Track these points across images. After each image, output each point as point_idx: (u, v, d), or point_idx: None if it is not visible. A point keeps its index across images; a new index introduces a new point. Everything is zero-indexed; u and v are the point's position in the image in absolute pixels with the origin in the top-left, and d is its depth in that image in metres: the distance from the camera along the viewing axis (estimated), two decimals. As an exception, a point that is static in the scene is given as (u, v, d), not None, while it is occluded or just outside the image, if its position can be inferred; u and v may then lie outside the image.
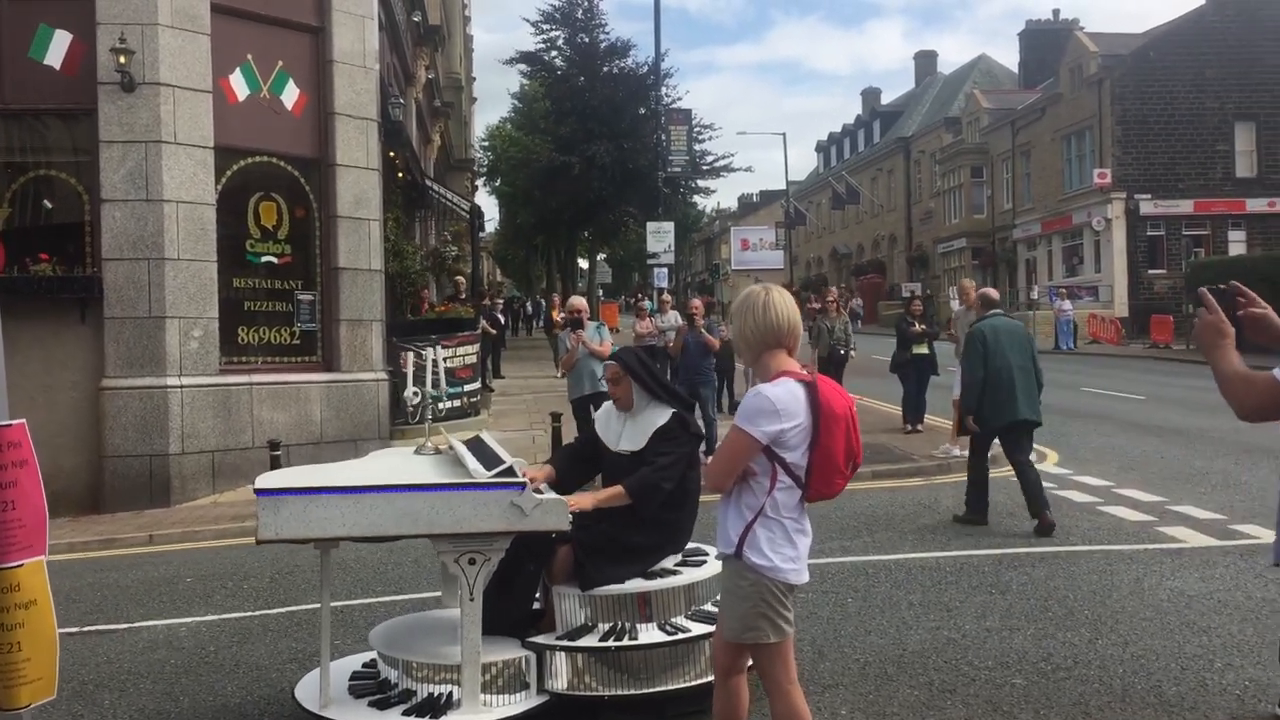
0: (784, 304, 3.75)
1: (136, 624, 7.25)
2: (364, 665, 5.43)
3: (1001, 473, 11.78)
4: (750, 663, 3.97)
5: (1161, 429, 14.86)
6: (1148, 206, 40.80)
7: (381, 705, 4.93)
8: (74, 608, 7.76)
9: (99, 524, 11.03)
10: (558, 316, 22.15)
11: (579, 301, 12.11)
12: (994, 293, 10.36)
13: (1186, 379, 23.28)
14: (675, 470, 5.18)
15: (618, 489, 5.14)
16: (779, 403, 3.59)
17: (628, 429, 5.39)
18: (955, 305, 37.13)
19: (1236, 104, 40.77)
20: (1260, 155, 41.19)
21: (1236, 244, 40.34)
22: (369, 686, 5.14)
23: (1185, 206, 40.76)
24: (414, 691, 4.97)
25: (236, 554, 9.32)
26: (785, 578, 3.69)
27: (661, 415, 5.33)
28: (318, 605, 5.51)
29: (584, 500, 5.11)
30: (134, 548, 10.10)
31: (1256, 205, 40.69)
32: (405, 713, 4.85)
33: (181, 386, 11.90)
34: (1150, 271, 40.82)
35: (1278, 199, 40.75)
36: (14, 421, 2.96)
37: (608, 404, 5.70)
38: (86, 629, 7.16)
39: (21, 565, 2.93)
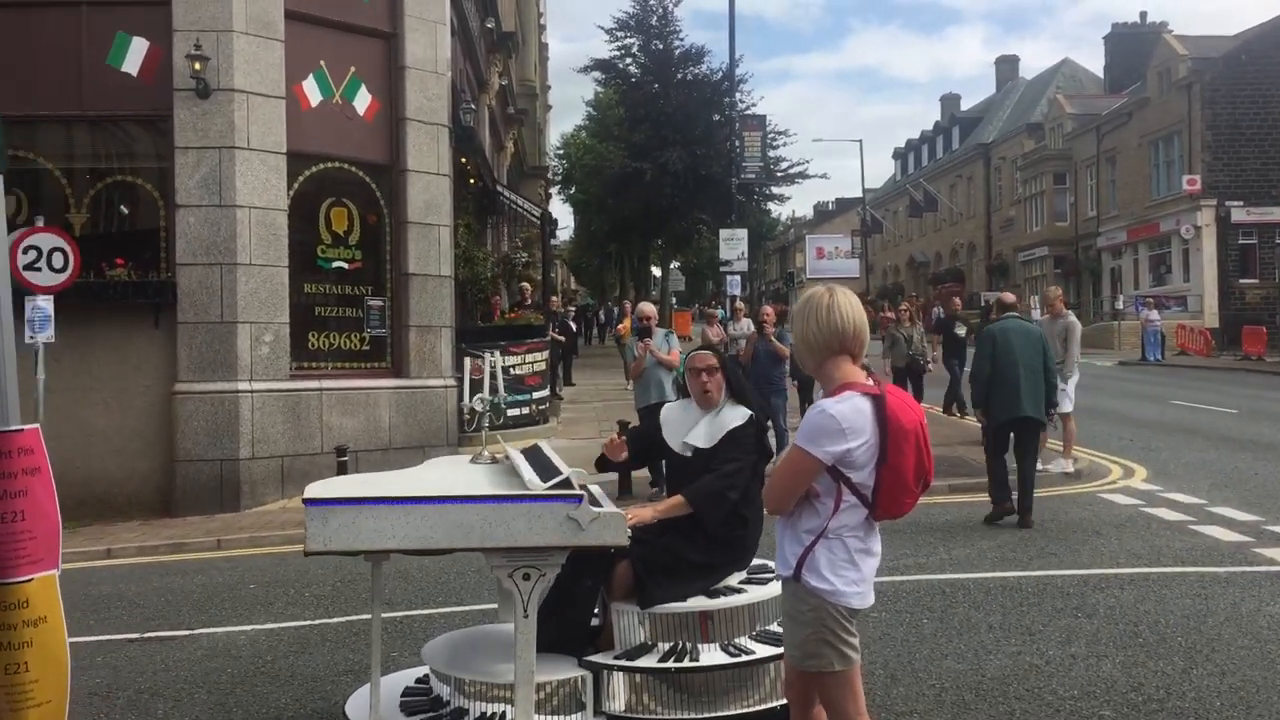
0: (849, 306, 3.47)
1: (196, 631, 7.18)
2: (417, 681, 5.26)
3: (1083, 489, 11.37)
4: None
5: (1256, 444, 14.21)
6: (1239, 214, 39.53)
7: (433, 724, 4.76)
8: (137, 612, 7.75)
9: (169, 527, 11.08)
10: (626, 327, 21.73)
11: (647, 309, 11.86)
12: (1009, 297, 11.21)
13: (1281, 392, 22.40)
14: (740, 479, 4.94)
15: (677, 499, 4.93)
16: (844, 421, 3.32)
17: (703, 425, 5.14)
18: (1036, 314, 36.31)
19: (1334, 107, 39.34)
20: (1360, 160, 39.67)
21: (1334, 253, 38.90)
22: (421, 704, 4.97)
23: (1279, 214, 39.39)
24: (466, 710, 4.79)
25: (301, 560, 9.20)
26: (848, 602, 3.42)
27: (738, 416, 5.11)
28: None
29: (644, 513, 4.90)
30: (202, 552, 10.09)
31: (1356, 212, 39.20)
32: (457, 732, 4.68)
33: (252, 391, 11.93)
34: (1242, 281, 39.54)
35: (1377, 206, 39.20)
36: (26, 427, 2.78)
37: (678, 403, 5.47)
38: (147, 635, 7.11)
39: (30, 580, 2.77)
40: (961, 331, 18.09)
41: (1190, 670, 5.62)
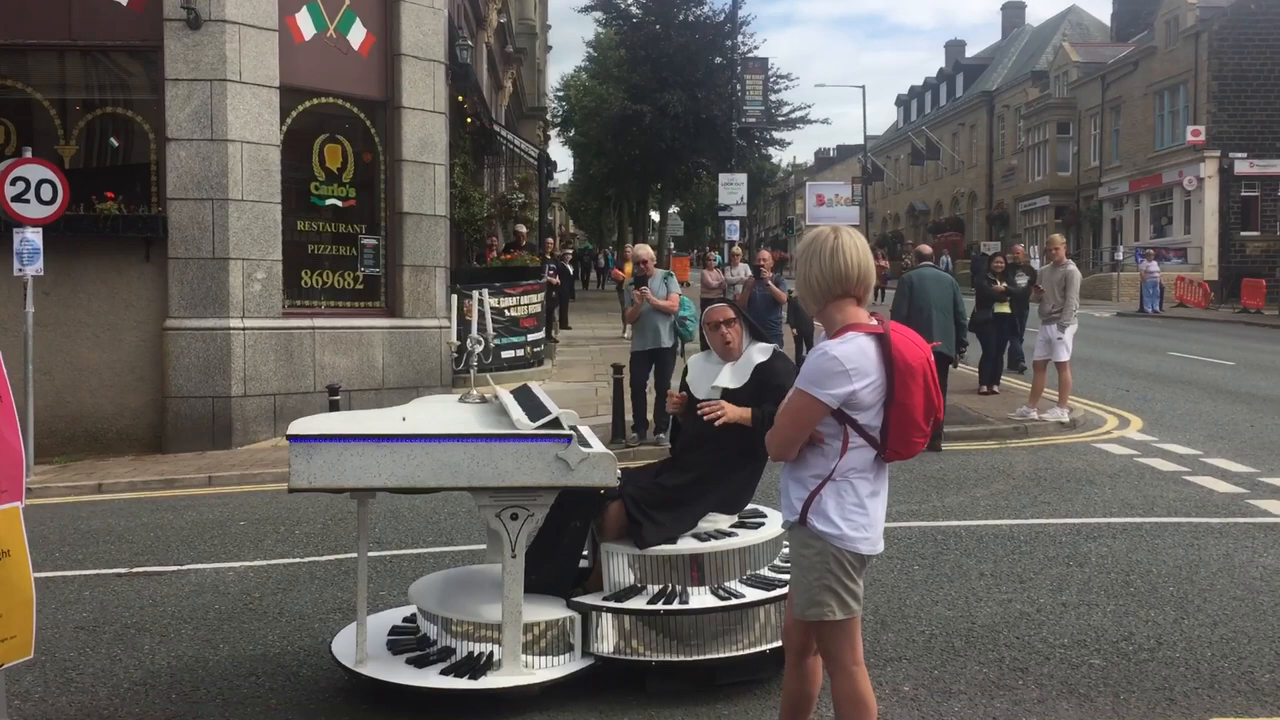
0: (855, 248, 3.35)
1: (185, 566, 7.16)
2: (404, 620, 5.25)
3: (1078, 438, 11.35)
4: None
5: (1253, 397, 14.17)
6: (1243, 166, 39.22)
7: (420, 663, 4.74)
8: (125, 548, 7.72)
9: (161, 464, 11.03)
10: (627, 271, 21.09)
11: (644, 251, 11.57)
12: (926, 249, 13.31)
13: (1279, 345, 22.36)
14: None
15: (746, 411, 4.90)
16: (848, 361, 3.22)
17: (728, 368, 5.17)
18: (1036, 264, 36.10)
19: (1342, 59, 38.88)
20: (1365, 114, 39.30)
21: (1336, 206, 38.65)
22: (408, 643, 4.95)
23: (1282, 166, 39.10)
24: (453, 649, 4.77)
25: (291, 498, 9.12)
26: (855, 547, 3.35)
27: (763, 352, 5.16)
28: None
29: (731, 411, 4.86)
30: (192, 489, 10.05)
31: (1358, 167, 38.90)
32: (443, 671, 4.66)
33: (244, 329, 11.82)
34: (1243, 234, 39.33)
35: (1381, 160, 38.91)
36: (-16, 356, 2.68)
37: (700, 355, 5.44)
38: (135, 570, 7.08)
39: (-8, 513, 2.71)
40: (1023, 282, 15.27)
41: (1181, 620, 5.60)
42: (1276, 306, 31.31)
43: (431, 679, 4.61)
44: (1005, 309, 14.06)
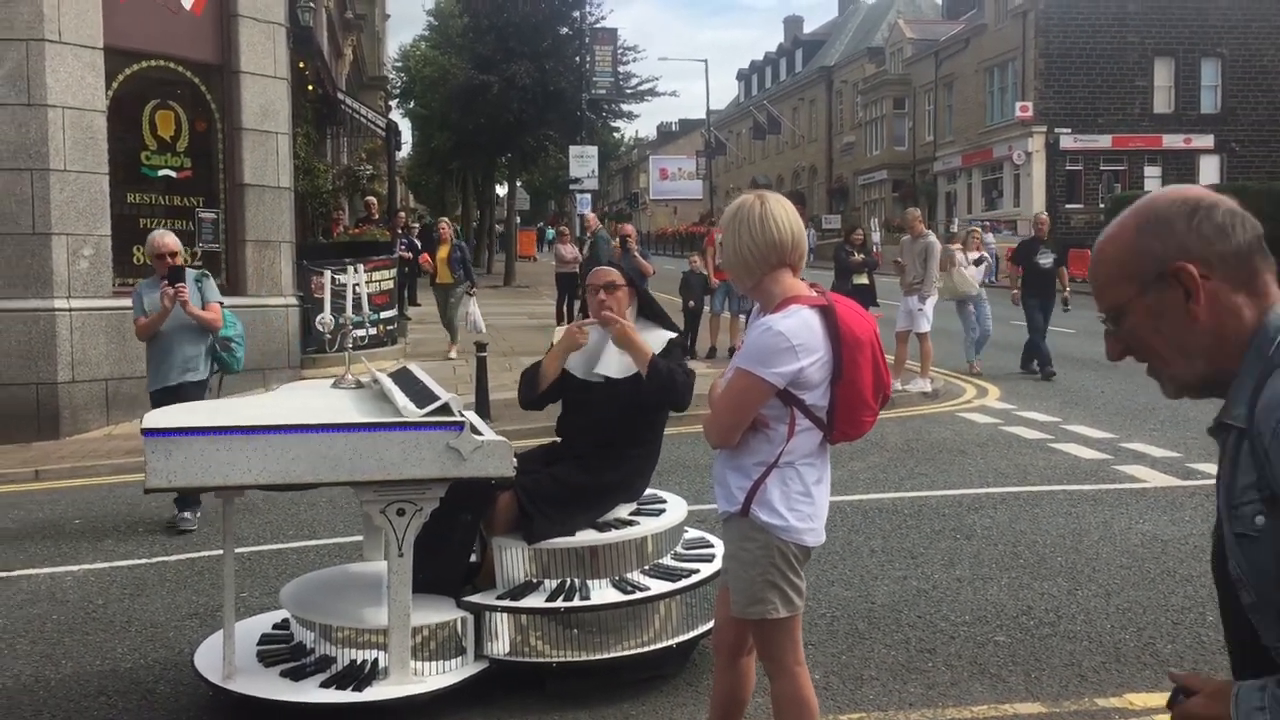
0: (784, 214, 3.10)
1: (15, 573, 6.47)
2: (275, 626, 4.79)
3: (942, 408, 11.49)
4: None
5: (1097, 363, 14.63)
6: (1068, 141, 40.94)
7: (296, 675, 4.31)
8: (-56, 555, 6.96)
9: (-21, 458, 10.11)
10: (440, 258, 16.20)
11: (168, 241, 7.35)
12: (624, 227, 17.87)
13: (1109, 313, 23.31)
14: (689, 381, 4.52)
15: (647, 351, 4.43)
16: (794, 337, 2.97)
17: (614, 350, 4.57)
18: (876, 236, 36.93)
19: (1157, 39, 40.91)
20: (1178, 91, 41.49)
21: (1152, 180, 40.69)
22: (281, 652, 4.51)
23: (1104, 141, 40.99)
24: (333, 658, 4.35)
25: (131, 492, 8.46)
26: (801, 539, 3.11)
27: (657, 340, 4.62)
28: (222, 551, 4.81)
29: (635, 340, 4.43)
30: (17, 484, 9.19)
31: (1173, 141, 41.09)
32: (324, 684, 4.24)
33: (70, 310, 10.93)
34: (1068, 206, 41.07)
35: (1193, 135, 41.16)
36: None
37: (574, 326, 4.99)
38: (-43, 580, 6.38)
39: None
40: (1047, 261, 13.91)
41: (1075, 591, 5.58)
42: (1102, 276, 32.78)
43: (311, 692, 4.20)
44: (864, 280, 14.15)
